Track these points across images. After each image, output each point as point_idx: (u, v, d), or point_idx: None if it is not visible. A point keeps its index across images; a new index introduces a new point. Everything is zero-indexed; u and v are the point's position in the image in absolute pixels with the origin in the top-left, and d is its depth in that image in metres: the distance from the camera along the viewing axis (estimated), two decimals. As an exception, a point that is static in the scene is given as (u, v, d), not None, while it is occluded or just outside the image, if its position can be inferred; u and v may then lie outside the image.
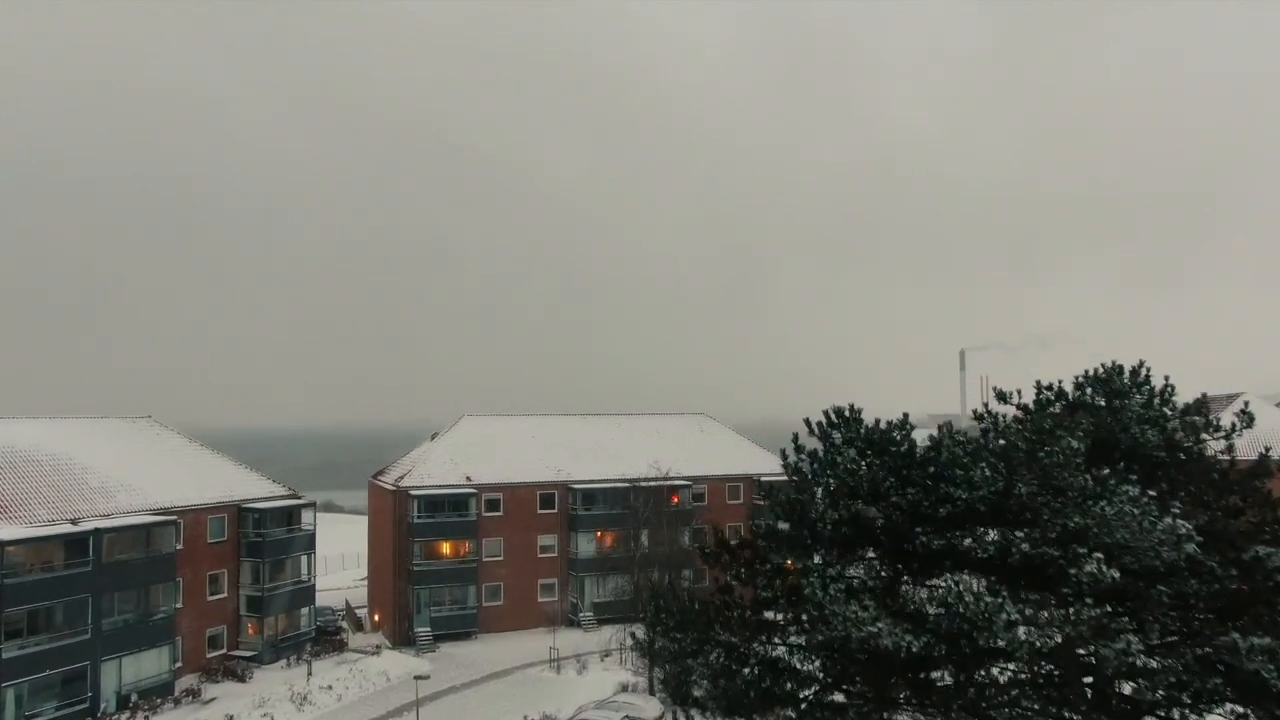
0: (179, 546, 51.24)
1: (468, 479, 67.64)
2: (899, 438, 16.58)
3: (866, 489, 16.09)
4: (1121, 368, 18.24)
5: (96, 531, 45.84)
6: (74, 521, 46.25)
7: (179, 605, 51.01)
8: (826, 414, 17.64)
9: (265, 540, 55.79)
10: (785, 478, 60.11)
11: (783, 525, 17.57)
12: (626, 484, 70.54)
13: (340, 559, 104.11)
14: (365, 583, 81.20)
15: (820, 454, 17.52)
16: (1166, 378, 17.67)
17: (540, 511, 69.11)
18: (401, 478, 67.02)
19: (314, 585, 60.10)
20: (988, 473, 14.37)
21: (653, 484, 70.53)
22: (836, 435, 17.07)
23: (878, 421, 17.61)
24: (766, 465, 78.07)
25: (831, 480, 17.06)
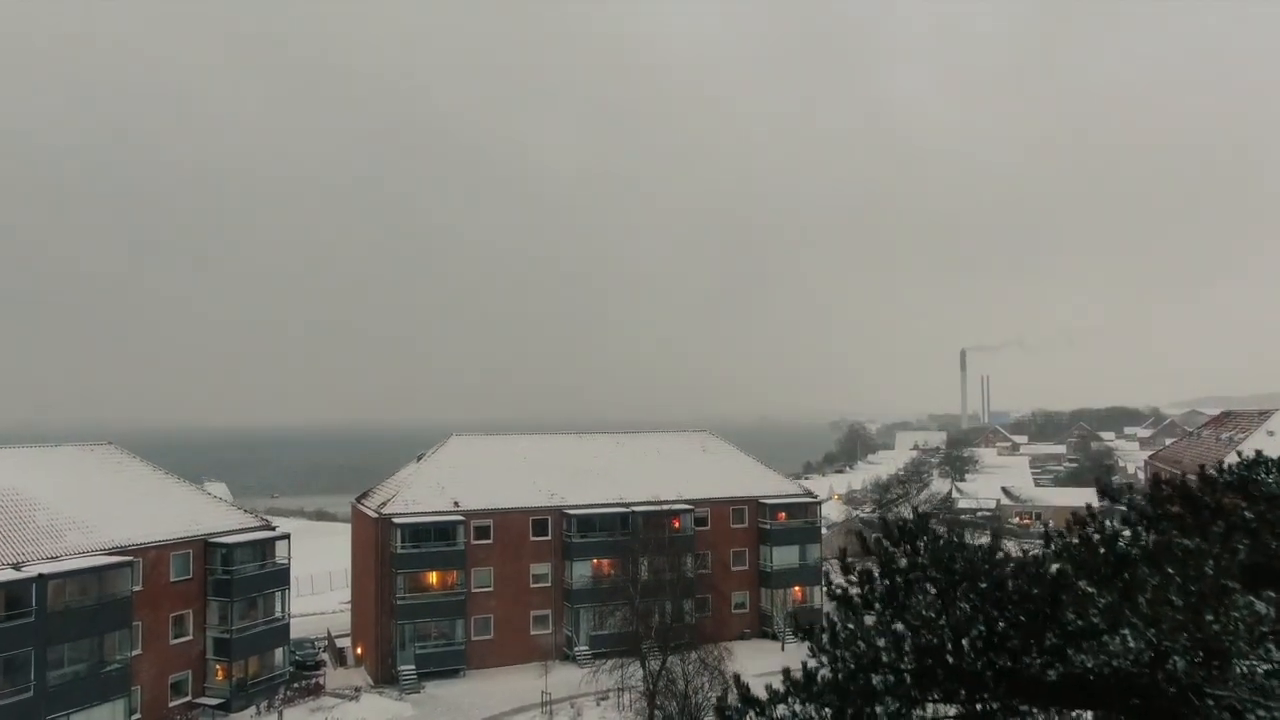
0: (137, 588, 47.02)
1: (455, 505, 63.38)
2: (988, 565, 12.41)
3: (948, 635, 11.89)
4: (1263, 458, 14.09)
5: (40, 578, 41.60)
6: (16, 566, 42.00)
7: (137, 652, 46.81)
8: (887, 525, 13.50)
9: (234, 577, 51.55)
10: (793, 499, 55.86)
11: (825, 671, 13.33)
12: (625, 509, 66.36)
13: (328, 577, 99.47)
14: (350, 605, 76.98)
15: (877, 576, 13.32)
16: (1328, 475, 13.52)
17: (533, 539, 64.89)
18: (384, 504, 62.74)
19: (288, 624, 55.87)
20: (1132, 642, 10.27)
21: (653, 509, 66.45)
22: (901, 557, 12.90)
23: (955, 536, 13.40)
24: (771, 486, 74.06)
25: (890, 613, 12.84)
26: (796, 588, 70.76)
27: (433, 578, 61.84)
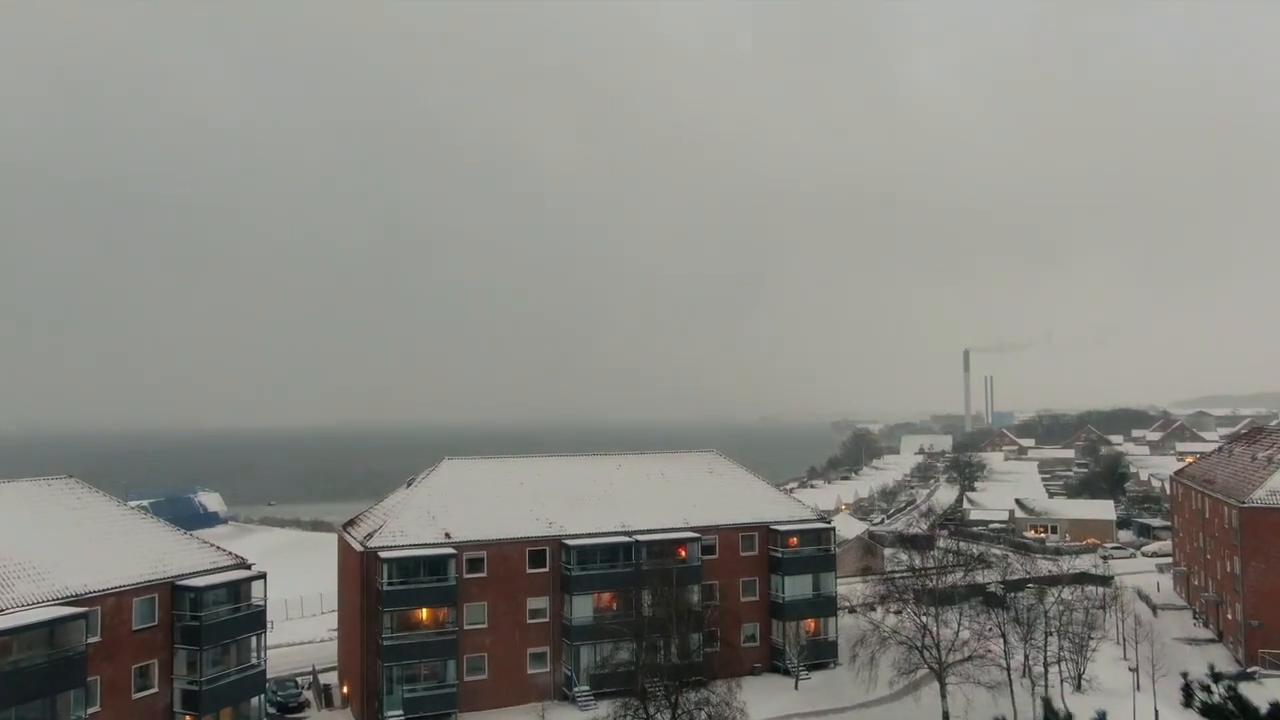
0: (95, 639, 42.95)
1: (447, 535, 59.29)
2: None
3: None
4: None
5: (-20, 636, 37.53)
6: (-46, 624, 37.92)
7: (95, 709, 42.75)
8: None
9: (204, 623, 47.35)
10: (805, 525, 51.66)
11: None
12: (627, 538, 62.25)
13: (319, 599, 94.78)
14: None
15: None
16: None
17: (530, 571, 60.80)
18: (370, 535, 58.63)
19: (264, 670, 51.66)
20: None
21: (657, 538, 62.43)
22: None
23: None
24: (782, 510, 69.99)
25: None
26: (810, 620, 66.58)
27: (422, 615, 57.82)
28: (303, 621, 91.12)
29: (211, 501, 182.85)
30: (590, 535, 61.81)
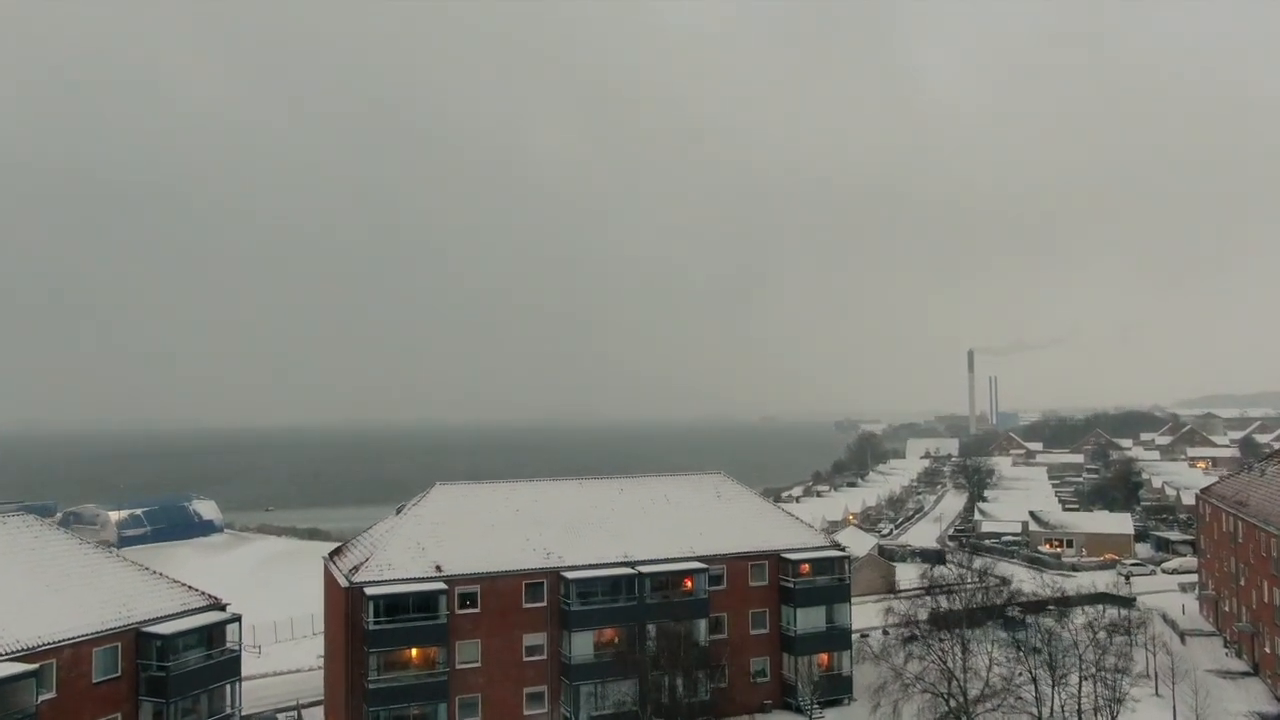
0: (49, 695, 39.32)
1: (438, 569, 55.61)
2: None
3: None
4: None
5: (-86, 703, 33.90)
6: (-115, 689, 34.28)
7: (49, 774, 39.05)
8: None
9: (171, 673, 43.64)
10: (818, 552, 47.70)
11: None
12: (630, 569, 58.56)
13: (311, 620, 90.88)
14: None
15: None
16: None
17: (526, 606, 57.12)
18: (356, 569, 54.94)
19: (239, 720, 47.98)
20: None
21: (662, 570, 58.77)
22: None
23: None
24: (793, 537, 66.17)
25: None
26: (823, 654, 62.85)
27: (411, 654, 54.11)
28: (293, 645, 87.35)
29: (207, 509, 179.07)
30: (590, 566, 58.13)
